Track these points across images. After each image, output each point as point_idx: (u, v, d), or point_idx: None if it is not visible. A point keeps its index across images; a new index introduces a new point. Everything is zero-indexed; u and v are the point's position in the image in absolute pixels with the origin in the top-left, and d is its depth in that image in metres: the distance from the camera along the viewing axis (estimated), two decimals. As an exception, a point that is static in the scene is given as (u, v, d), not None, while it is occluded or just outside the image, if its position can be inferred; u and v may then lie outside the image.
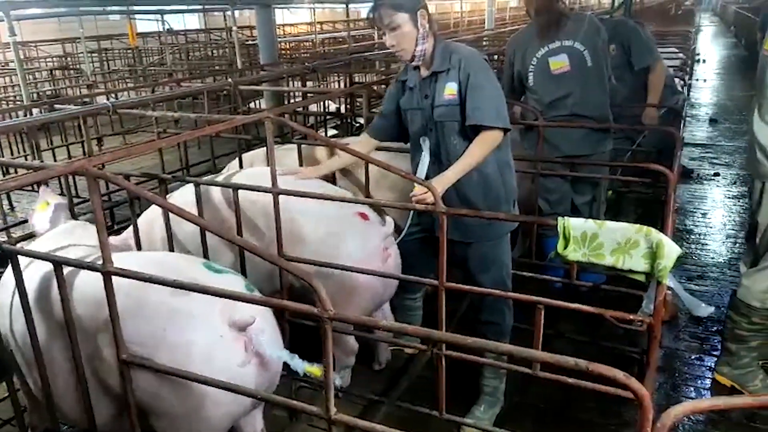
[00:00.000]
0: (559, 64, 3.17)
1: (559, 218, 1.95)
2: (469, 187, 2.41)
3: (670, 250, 1.77)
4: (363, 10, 21.59)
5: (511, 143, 2.53)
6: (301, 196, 2.31)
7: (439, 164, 2.44)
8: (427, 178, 2.42)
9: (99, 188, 1.68)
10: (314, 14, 12.33)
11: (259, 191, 2.39)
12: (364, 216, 2.52)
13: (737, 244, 4.25)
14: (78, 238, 2.28)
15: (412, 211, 2.56)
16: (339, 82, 8.21)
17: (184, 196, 2.68)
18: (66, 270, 1.77)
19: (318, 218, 2.47)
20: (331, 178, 2.95)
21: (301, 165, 3.15)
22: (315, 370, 1.61)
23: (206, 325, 1.75)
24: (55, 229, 2.40)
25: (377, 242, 2.48)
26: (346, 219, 2.49)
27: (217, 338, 1.74)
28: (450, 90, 2.35)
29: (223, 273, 1.93)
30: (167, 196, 2.71)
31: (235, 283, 1.89)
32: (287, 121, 2.43)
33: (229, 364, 1.74)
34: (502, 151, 2.42)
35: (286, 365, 1.80)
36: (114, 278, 1.64)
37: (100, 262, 1.64)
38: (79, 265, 1.79)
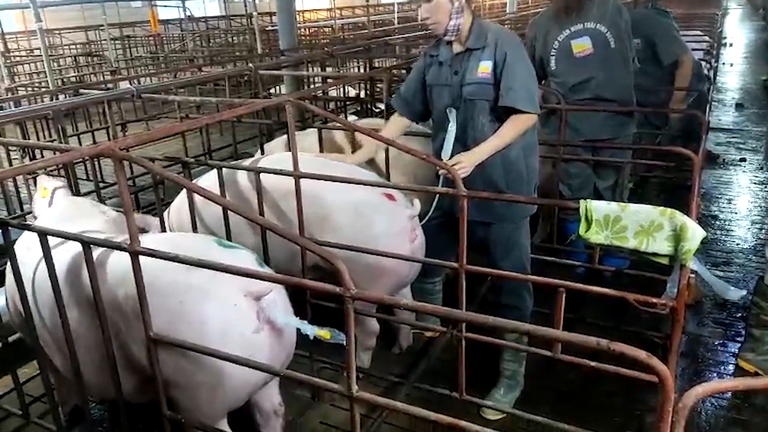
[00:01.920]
0: (582, 46, 3.12)
1: (581, 200, 1.94)
2: (492, 169, 2.40)
3: (695, 232, 1.75)
4: (383, -4, 21.46)
5: None
6: (322, 179, 2.31)
7: (463, 145, 2.42)
8: (452, 154, 2.42)
9: (125, 170, 1.71)
10: (334, 0, 12.27)
11: (281, 174, 2.41)
12: (391, 197, 2.53)
13: (763, 230, 4.18)
14: (70, 218, 2.30)
15: (436, 195, 2.56)
16: (359, 67, 8.19)
17: (209, 181, 2.71)
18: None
19: (346, 201, 2.48)
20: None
21: (321, 150, 3.16)
22: (324, 333, 1.64)
23: (220, 296, 1.80)
24: (52, 211, 2.43)
25: (405, 223, 2.50)
26: (374, 200, 2.50)
27: (231, 307, 1.79)
28: (484, 68, 2.33)
29: (234, 249, 1.98)
30: (193, 181, 2.75)
31: (246, 258, 1.94)
32: (308, 105, 2.44)
33: (244, 331, 1.80)
34: (528, 134, 2.40)
35: (303, 342, 1.84)
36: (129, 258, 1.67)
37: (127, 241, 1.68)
38: (107, 245, 1.83)
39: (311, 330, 1.71)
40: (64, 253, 1.98)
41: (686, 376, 2.70)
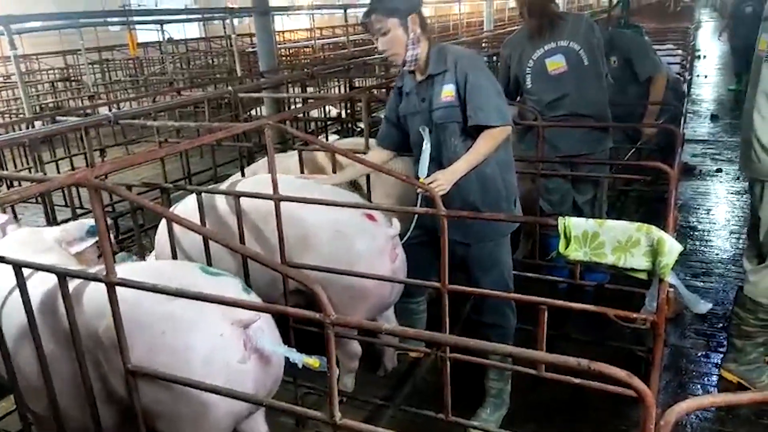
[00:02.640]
0: (556, 64, 3.17)
1: (560, 218, 1.95)
2: (469, 187, 2.41)
3: (671, 247, 1.77)
4: (361, 15, 21.69)
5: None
6: (303, 202, 2.31)
7: (439, 166, 2.44)
8: (429, 173, 2.43)
9: (101, 199, 1.69)
10: (313, 20, 12.36)
11: (260, 198, 2.40)
12: (371, 217, 2.53)
13: (741, 240, 4.24)
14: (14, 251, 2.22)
15: (415, 215, 2.56)
16: (339, 87, 8.24)
17: (189, 206, 2.69)
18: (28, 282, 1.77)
19: (326, 221, 2.47)
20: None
21: (302, 171, 3.16)
22: (313, 361, 1.62)
23: (206, 326, 1.77)
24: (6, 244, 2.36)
25: (385, 243, 2.49)
26: (354, 221, 2.49)
27: (217, 337, 1.76)
28: (448, 92, 2.37)
29: (219, 276, 1.95)
30: (174, 206, 2.72)
31: (231, 285, 1.92)
32: (287, 128, 2.44)
33: (229, 361, 1.76)
34: (502, 151, 2.43)
35: (288, 367, 1.82)
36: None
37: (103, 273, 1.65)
38: (83, 276, 1.80)
39: (299, 358, 1.68)
40: (38, 286, 1.94)
41: (670, 389, 2.71)
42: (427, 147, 2.44)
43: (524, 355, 1.33)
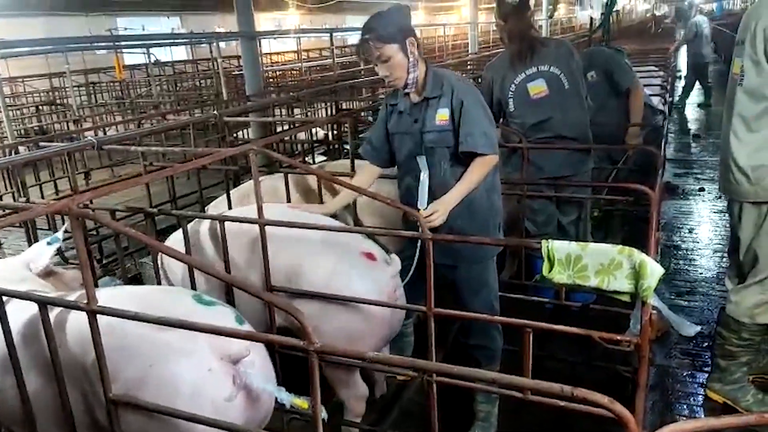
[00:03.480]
0: (538, 89, 3.23)
1: (543, 241, 1.97)
2: (456, 212, 2.42)
3: (653, 270, 1.78)
4: (349, 38, 21.88)
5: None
6: (287, 226, 2.30)
7: (428, 190, 2.46)
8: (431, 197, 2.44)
9: (83, 227, 1.69)
10: (299, 43, 12.47)
11: (244, 222, 2.39)
12: (370, 256, 2.39)
13: (724, 259, 4.28)
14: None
15: (406, 241, 2.56)
16: (327, 108, 8.28)
17: (192, 230, 2.64)
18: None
19: (322, 258, 2.37)
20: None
21: (288, 194, 3.16)
22: (302, 402, 1.60)
23: (194, 359, 1.73)
24: None
25: (386, 284, 2.37)
26: (352, 259, 2.38)
27: (206, 372, 1.72)
28: (442, 116, 2.38)
29: (213, 306, 1.91)
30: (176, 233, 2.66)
31: (225, 315, 1.88)
32: (271, 153, 2.45)
33: (215, 398, 1.72)
34: (489, 175, 2.45)
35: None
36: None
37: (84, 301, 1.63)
38: (64, 304, 1.78)
39: (288, 398, 1.65)
40: (19, 314, 1.91)
41: (657, 409, 2.71)
42: (425, 176, 2.43)
43: (508, 381, 1.33)
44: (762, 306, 2.51)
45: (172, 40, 10.82)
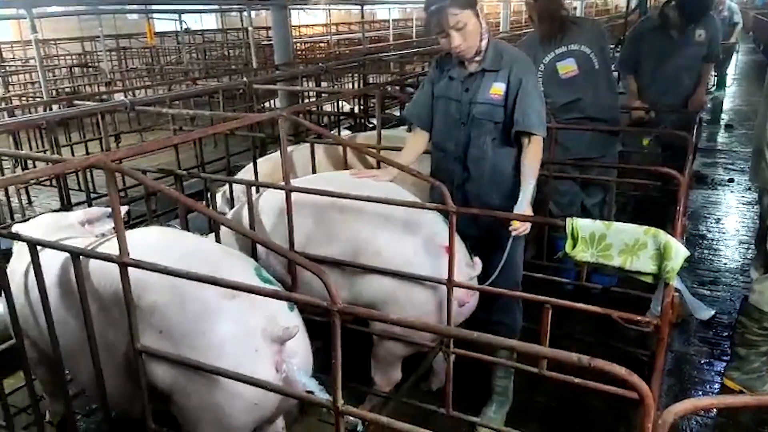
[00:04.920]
0: (568, 68, 3.20)
1: (568, 219, 1.97)
2: (490, 191, 2.44)
3: (678, 251, 1.78)
4: (379, 12, 21.65)
5: None
6: (315, 194, 2.32)
7: (461, 163, 2.45)
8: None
9: (116, 182, 1.73)
10: (330, 15, 12.39)
11: (271, 188, 2.42)
12: (447, 249, 2.19)
13: (750, 250, 4.22)
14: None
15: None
16: (353, 83, 8.25)
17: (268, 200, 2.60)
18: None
19: (400, 247, 2.31)
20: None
21: (314, 165, 3.19)
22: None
23: (245, 337, 1.73)
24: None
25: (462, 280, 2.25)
26: (430, 251, 2.30)
27: (252, 353, 1.72)
28: (496, 89, 2.35)
29: (270, 284, 1.86)
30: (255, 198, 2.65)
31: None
32: (300, 120, 2.47)
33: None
34: (520, 152, 2.43)
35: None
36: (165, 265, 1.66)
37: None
38: (96, 256, 1.83)
39: (323, 395, 1.64)
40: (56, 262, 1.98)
41: (672, 393, 2.72)
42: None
43: (525, 349, 1.36)
44: None
45: (203, 6, 10.81)
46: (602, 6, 24.74)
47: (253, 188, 2.46)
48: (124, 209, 2.14)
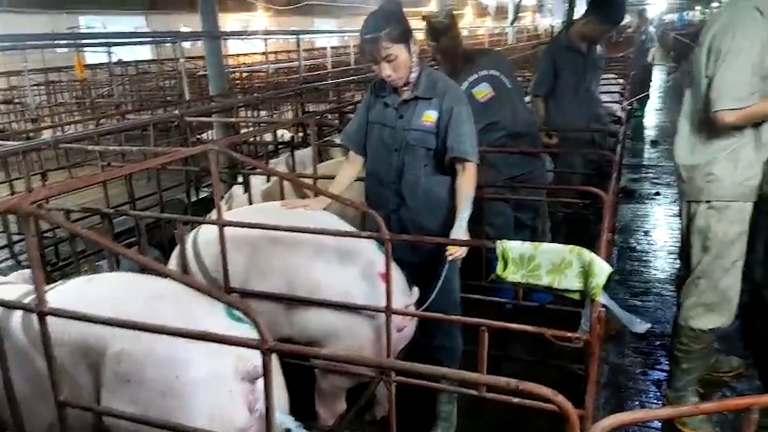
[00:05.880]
0: (483, 92, 3.35)
1: (498, 242, 2.02)
2: (425, 214, 2.48)
3: (601, 268, 1.85)
4: (317, 41, 21.82)
5: None
6: (247, 227, 2.29)
7: (395, 190, 2.48)
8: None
9: (34, 226, 1.66)
10: (266, 44, 12.41)
11: (203, 223, 2.38)
12: (383, 277, 2.21)
13: (678, 261, 4.41)
14: None
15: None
16: (293, 111, 8.23)
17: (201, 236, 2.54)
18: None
19: (336, 280, 2.30)
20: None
21: (250, 197, 3.15)
22: None
23: (217, 379, 1.67)
24: None
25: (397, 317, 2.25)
26: (367, 280, 2.31)
27: (226, 394, 1.66)
28: (429, 117, 2.40)
29: (242, 324, 1.79)
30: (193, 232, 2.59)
31: (242, 330, 1.75)
32: (231, 153, 2.44)
33: (232, 423, 1.66)
34: (453, 180, 2.48)
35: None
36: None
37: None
38: (13, 305, 1.75)
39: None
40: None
41: (609, 407, 2.79)
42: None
43: (459, 376, 1.37)
44: (696, 308, 2.55)
45: (133, 39, 10.61)
46: (533, 32, 25.77)
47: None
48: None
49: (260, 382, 1.65)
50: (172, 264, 2.46)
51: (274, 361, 1.77)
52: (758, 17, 2.28)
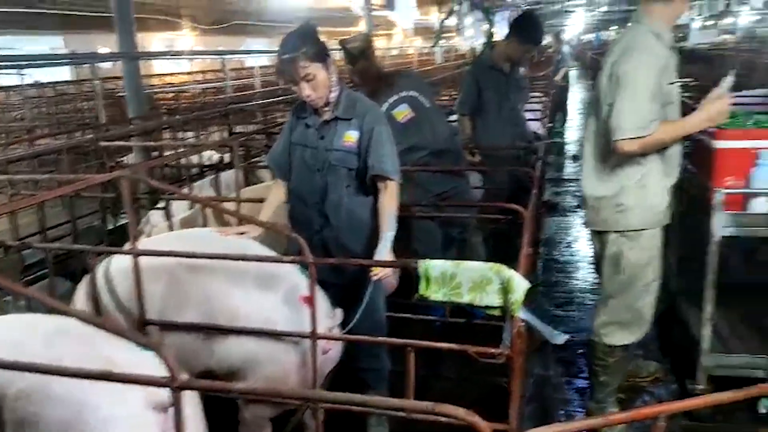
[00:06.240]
0: (403, 113, 3.41)
1: (420, 261, 2.03)
2: (348, 235, 2.47)
3: (519, 284, 1.89)
4: (246, 61, 21.58)
5: None
6: (161, 255, 2.21)
7: (319, 210, 2.46)
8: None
9: None
10: (192, 65, 12.15)
11: (116, 253, 2.27)
12: (308, 300, 2.19)
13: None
14: None
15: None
16: (220, 132, 8.05)
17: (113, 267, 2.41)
18: None
19: (254, 300, 2.25)
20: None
21: (170, 222, 3.04)
22: None
23: (126, 411, 1.58)
24: None
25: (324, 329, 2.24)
26: (289, 305, 2.26)
27: (142, 427, 1.58)
28: (349, 137, 2.41)
29: (144, 351, 1.66)
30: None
31: (152, 362, 1.62)
32: (145, 178, 2.35)
33: None
34: (377, 200, 2.48)
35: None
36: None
37: None
38: None
39: None
40: None
41: (535, 419, 2.84)
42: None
43: (377, 402, 1.36)
44: (610, 326, 2.62)
45: (46, 62, 10.11)
46: (460, 52, 26.51)
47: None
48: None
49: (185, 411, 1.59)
50: (80, 295, 2.33)
51: (192, 393, 1.72)
52: (654, 42, 2.35)
